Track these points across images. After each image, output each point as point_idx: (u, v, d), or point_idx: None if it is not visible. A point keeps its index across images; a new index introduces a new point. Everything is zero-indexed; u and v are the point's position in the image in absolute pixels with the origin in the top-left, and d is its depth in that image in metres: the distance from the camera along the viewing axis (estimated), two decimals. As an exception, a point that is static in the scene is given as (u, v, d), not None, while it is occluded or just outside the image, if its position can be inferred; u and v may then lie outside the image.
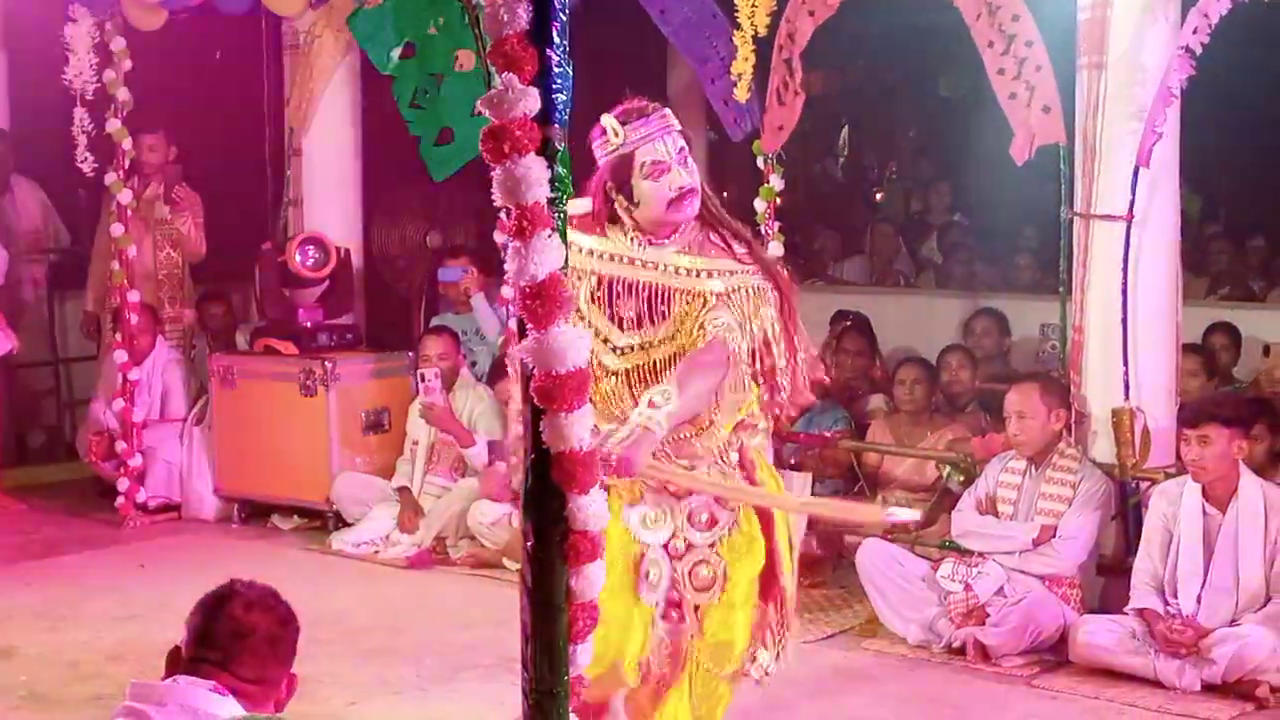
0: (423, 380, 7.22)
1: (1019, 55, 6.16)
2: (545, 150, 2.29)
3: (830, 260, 11.23)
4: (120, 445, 7.97)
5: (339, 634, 5.92)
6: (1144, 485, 5.87)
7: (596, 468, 2.35)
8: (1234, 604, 5.37)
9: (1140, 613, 5.44)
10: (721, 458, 3.86)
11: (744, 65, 6.74)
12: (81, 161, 7.77)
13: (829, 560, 6.72)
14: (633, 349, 3.80)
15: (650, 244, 3.81)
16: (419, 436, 7.45)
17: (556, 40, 2.30)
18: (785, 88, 6.80)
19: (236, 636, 2.87)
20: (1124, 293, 5.89)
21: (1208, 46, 5.71)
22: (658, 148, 3.75)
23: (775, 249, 6.90)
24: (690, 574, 3.82)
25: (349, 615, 6.26)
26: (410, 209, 9.13)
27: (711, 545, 3.83)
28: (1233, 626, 5.31)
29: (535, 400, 2.32)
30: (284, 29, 8.54)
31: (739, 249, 3.85)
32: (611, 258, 3.82)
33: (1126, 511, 5.91)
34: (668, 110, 3.83)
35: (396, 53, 3.50)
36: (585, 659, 2.40)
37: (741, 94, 6.85)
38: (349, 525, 7.50)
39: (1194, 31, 5.70)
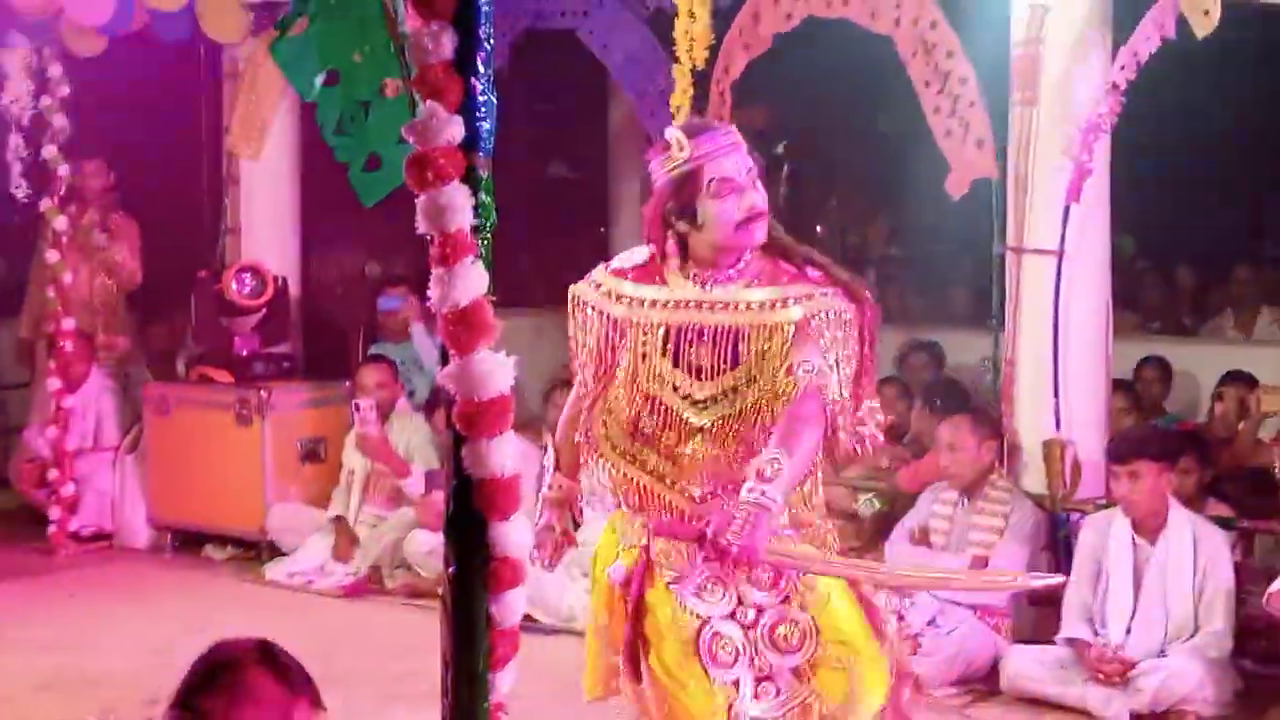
0: (357, 410, 7.20)
1: (953, 92, 6.23)
2: (469, 178, 2.30)
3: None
4: (52, 473, 7.90)
5: (271, 664, 5.86)
6: (1074, 516, 5.92)
7: (518, 494, 2.35)
8: (1162, 635, 5.43)
9: (1070, 643, 5.49)
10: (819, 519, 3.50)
11: (682, 98, 6.79)
12: (15, 188, 7.72)
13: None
14: (715, 400, 3.39)
15: (715, 282, 3.43)
16: (355, 466, 7.42)
17: (481, 69, 2.31)
18: (719, 120, 6.84)
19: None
20: (1055, 326, 5.96)
21: (1138, 83, 5.81)
22: (725, 164, 3.38)
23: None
24: (771, 638, 3.41)
25: (282, 645, 6.20)
26: (349, 238, 9.12)
27: (784, 601, 3.42)
28: (1161, 657, 5.37)
29: (457, 427, 2.33)
30: (223, 57, 8.52)
31: (813, 273, 3.45)
32: (676, 305, 3.44)
33: (1057, 542, 5.96)
34: (733, 126, 3.51)
35: (320, 80, 3.49)
36: (506, 685, 2.40)
37: (679, 127, 6.88)
38: (283, 555, 7.46)
39: (1123, 69, 5.79)
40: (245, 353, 7.92)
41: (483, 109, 2.32)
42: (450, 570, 2.34)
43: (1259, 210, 10.25)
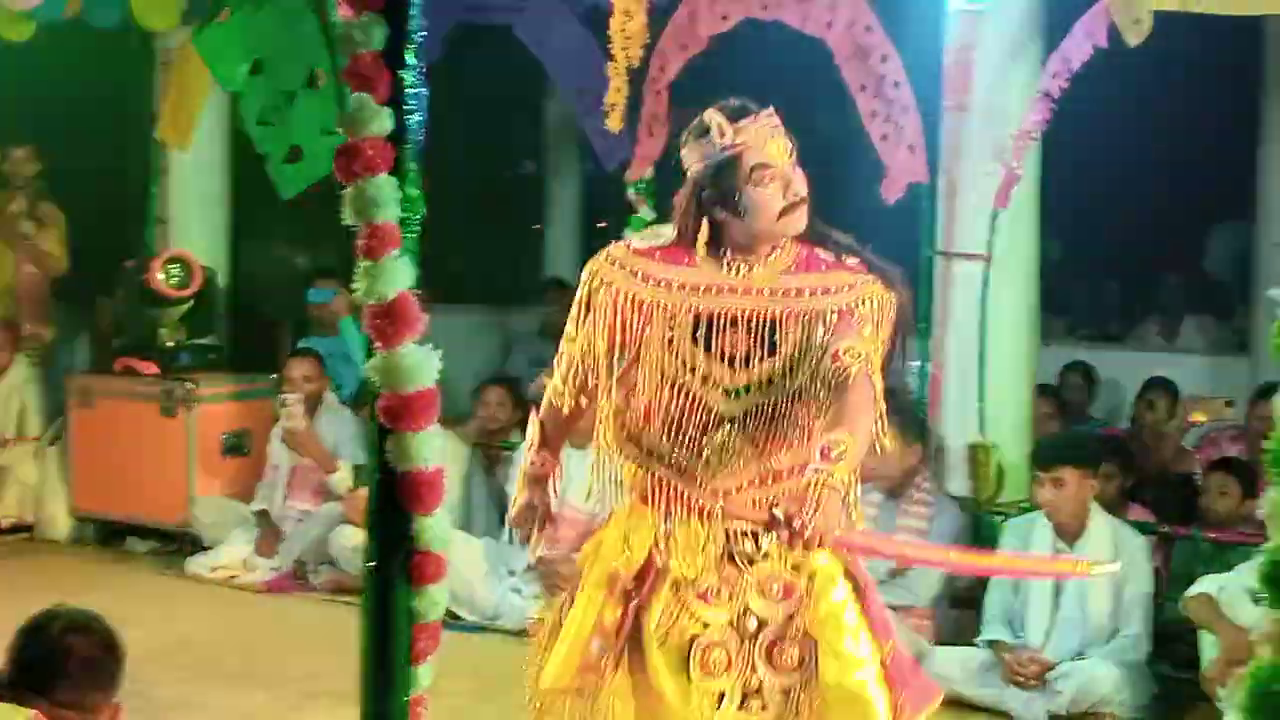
0: (283, 405, 7.15)
1: (888, 96, 6.27)
2: (397, 170, 2.29)
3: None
4: (-26, 464, 7.80)
5: (192, 659, 5.83)
6: (997, 519, 5.97)
7: (442, 488, 2.34)
8: (1081, 637, 5.49)
9: (990, 645, 5.53)
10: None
11: (617, 96, 6.79)
12: (-59, 175, 7.62)
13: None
14: (748, 390, 3.23)
15: (751, 267, 3.28)
16: (280, 460, 7.36)
17: (411, 62, 2.31)
18: (655, 120, 6.86)
19: (55, 663, 2.79)
20: (981, 331, 6.01)
21: (1069, 91, 5.86)
22: (769, 149, 3.23)
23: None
24: (769, 653, 3.26)
25: (203, 640, 6.17)
26: (279, 230, 9.05)
27: (790, 618, 3.27)
28: (1079, 660, 5.42)
29: (382, 420, 2.32)
30: (154, 44, 8.43)
31: (850, 260, 3.31)
32: (708, 289, 3.26)
33: (980, 545, 6.00)
34: (772, 108, 3.33)
35: (244, 70, 3.46)
36: (426, 680, 2.39)
37: (614, 125, 6.89)
38: (206, 549, 7.39)
39: (1054, 76, 5.84)
40: (171, 344, 7.85)
41: (412, 101, 2.32)
42: (371, 564, 2.33)
43: (1187, 219, 10.38)
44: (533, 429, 3.50)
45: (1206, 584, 5.18)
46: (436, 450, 2.34)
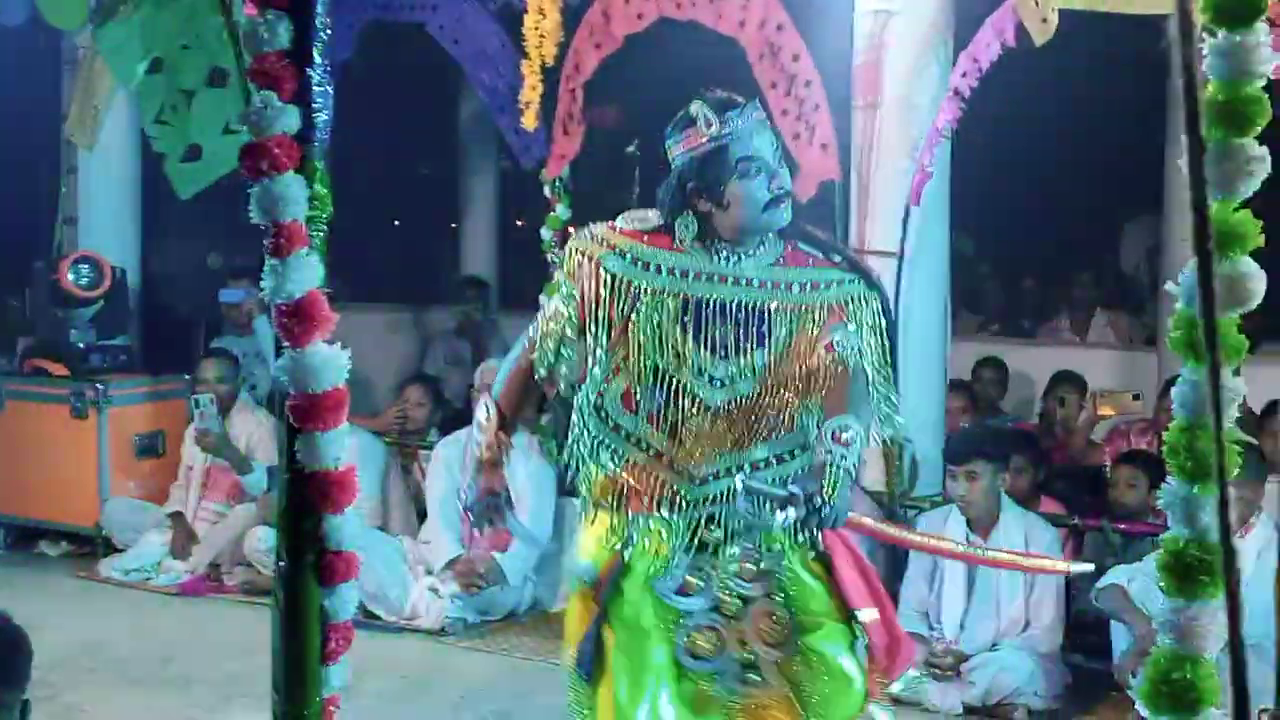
0: (197, 406, 7.08)
1: (799, 95, 6.31)
2: (304, 168, 2.28)
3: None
4: (-121, 467, 7.66)
5: (105, 662, 5.77)
6: (911, 513, 6.03)
7: (353, 487, 2.33)
8: (995, 629, 5.56)
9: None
10: None
11: (531, 94, 6.79)
12: None
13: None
14: (733, 379, 3.25)
15: (740, 258, 3.28)
16: (194, 461, 7.30)
17: (317, 59, 2.29)
18: (570, 118, 6.86)
19: None
20: (894, 327, 6.05)
21: (980, 89, 5.92)
22: (755, 143, 3.23)
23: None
24: (756, 628, 3.29)
25: (117, 643, 6.10)
26: (191, 229, 8.95)
27: (768, 595, 3.31)
28: (993, 651, 5.49)
29: (291, 419, 2.31)
30: (62, 43, 8.33)
31: (836, 258, 3.36)
32: (697, 276, 3.25)
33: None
34: (759, 101, 3.35)
35: (142, 68, 3.42)
36: (339, 680, 2.38)
37: (529, 123, 6.89)
38: (120, 551, 7.31)
39: (964, 75, 5.90)
40: (82, 345, 7.75)
41: (318, 99, 2.30)
42: (281, 564, 2.32)
43: (1098, 216, 10.53)
44: (488, 410, 3.47)
45: (1117, 575, 5.26)
46: (347, 449, 2.33)
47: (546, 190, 7.13)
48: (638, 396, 3.26)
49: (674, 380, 3.24)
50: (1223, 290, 1.86)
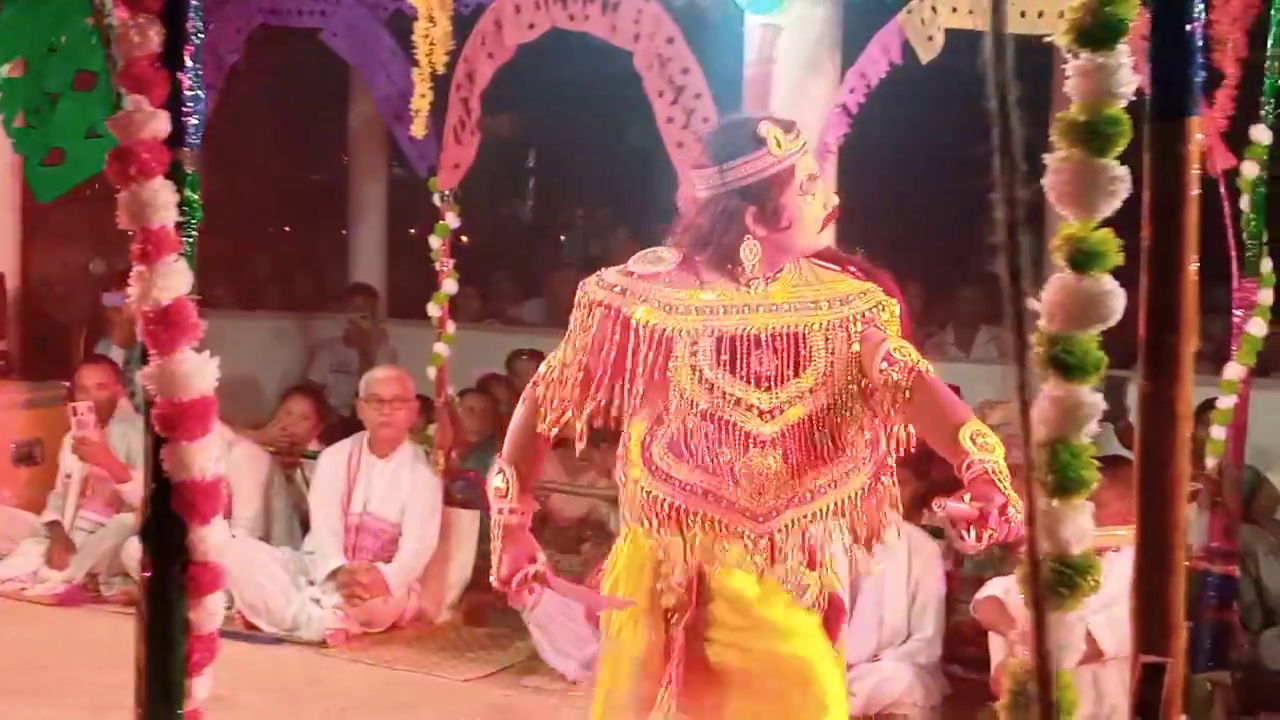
0: (75, 414, 6.96)
1: (688, 107, 6.32)
2: (174, 174, 2.26)
3: (509, 302, 11.30)
4: None
5: (-23, 675, 5.65)
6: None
7: (220, 497, 2.31)
8: (876, 640, 5.61)
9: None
10: None
11: (421, 102, 6.74)
12: None
13: (495, 599, 6.73)
14: (782, 409, 3.15)
15: (767, 283, 3.18)
16: (72, 470, 7.17)
17: (189, 64, 2.27)
18: (462, 127, 6.82)
19: None
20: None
21: (866, 106, 5.98)
22: (809, 161, 3.18)
23: (450, 287, 6.93)
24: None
25: (-11, 655, 5.98)
26: (74, 232, 8.81)
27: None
28: (874, 662, 5.54)
29: (157, 428, 2.28)
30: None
31: (852, 269, 3.29)
32: (727, 310, 3.15)
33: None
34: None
35: (5, 69, 3.36)
36: (203, 692, 2.35)
37: (418, 130, 6.85)
38: (-6, 561, 7.17)
39: (851, 91, 5.95)
40: (-44, 350, 7.61)
41: (190, 104, 2.28)
42: (145, 575, 2.29)
43: (982, 231, 10.66)
44: (504, 475, 3.30)
45: (995, 587, 5.32)
46: (215, 458, 2.31)
47: (436, 199, 7.09)
48: (690, 441, 3.14)
49: (722, 419, 3.14)
50: (1082, 307, 1.90)
